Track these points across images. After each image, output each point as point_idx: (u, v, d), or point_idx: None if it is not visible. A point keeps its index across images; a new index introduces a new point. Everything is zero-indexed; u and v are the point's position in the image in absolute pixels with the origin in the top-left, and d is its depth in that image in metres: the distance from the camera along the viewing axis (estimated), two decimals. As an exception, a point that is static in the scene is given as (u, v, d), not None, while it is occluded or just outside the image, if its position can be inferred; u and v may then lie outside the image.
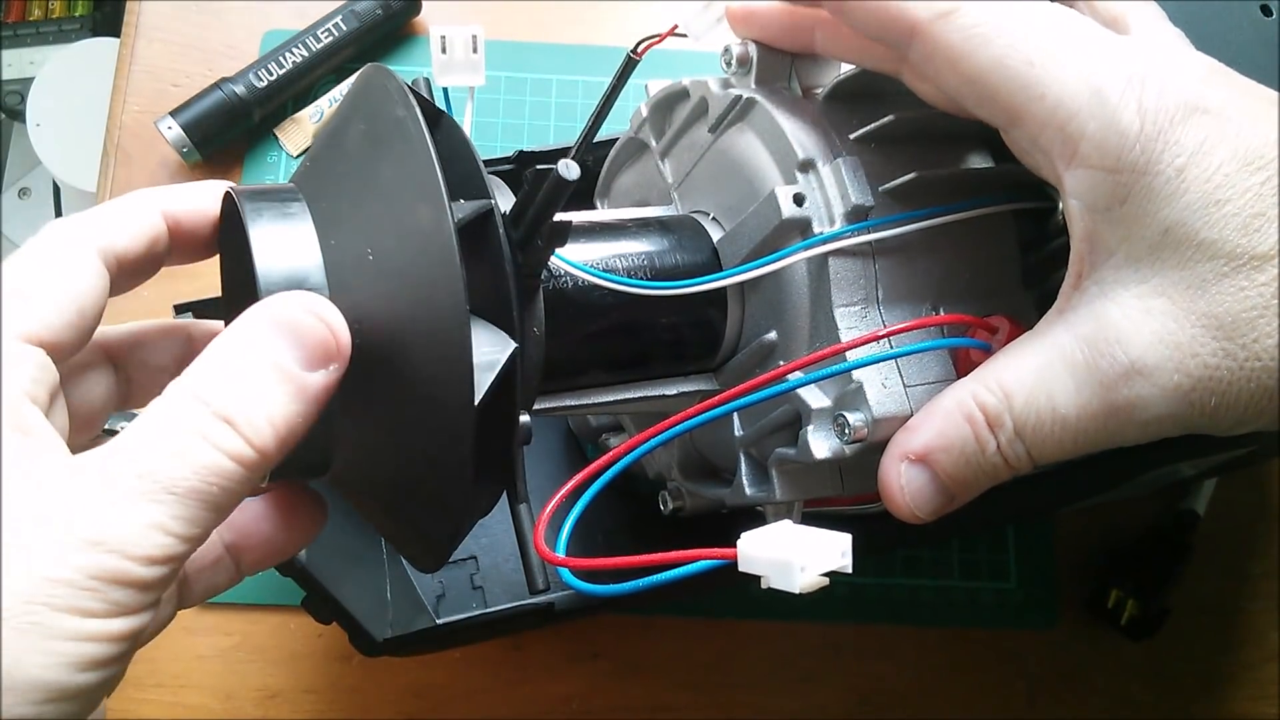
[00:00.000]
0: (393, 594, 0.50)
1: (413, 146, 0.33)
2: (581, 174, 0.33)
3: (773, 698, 0.62)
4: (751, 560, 0.29)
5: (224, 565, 0.38)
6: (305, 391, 0.31)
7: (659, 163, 0.49)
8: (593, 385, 0.44)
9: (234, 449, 0.30)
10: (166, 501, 0.29)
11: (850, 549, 0.29)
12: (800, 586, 0.28)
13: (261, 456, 0.31)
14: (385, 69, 0.36)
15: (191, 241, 0.37)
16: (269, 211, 0.34)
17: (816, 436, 0.39)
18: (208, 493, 0.30)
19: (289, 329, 0.31)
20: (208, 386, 0.31)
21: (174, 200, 0.37)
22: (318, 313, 0.32)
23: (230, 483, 0.30)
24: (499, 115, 0.71)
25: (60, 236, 0.34)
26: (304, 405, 0.31)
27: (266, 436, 0.31)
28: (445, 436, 0.33)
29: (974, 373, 0.35)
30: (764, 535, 0.30)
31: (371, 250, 0.33)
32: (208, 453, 0.30)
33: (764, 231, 0.40)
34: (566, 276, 0.40)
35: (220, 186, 0.37)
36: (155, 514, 0.29)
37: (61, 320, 0.32)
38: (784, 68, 0.44)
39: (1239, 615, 0.65)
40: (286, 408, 0.31)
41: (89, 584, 0.28)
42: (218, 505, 0.30)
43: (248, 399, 0.30)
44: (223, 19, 0.73)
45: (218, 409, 0.30)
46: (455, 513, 0.35)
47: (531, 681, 0.62)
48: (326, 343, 0.31)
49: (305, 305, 0.32)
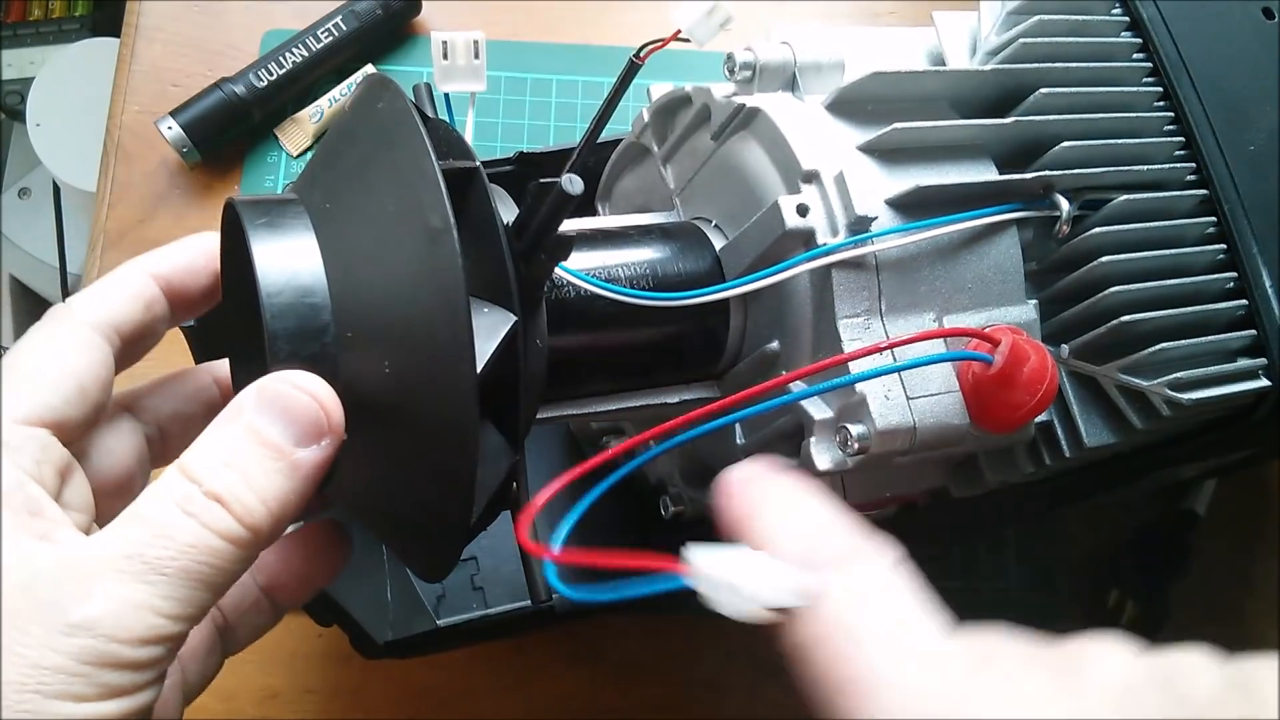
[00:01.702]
0: (393, 595, 0.50)
1: (412, 154, 0.33)
2: (583, 178, 0.33)
3: (773, 698, 0.63)
4: (703, 579, 0.29)
5: (262, 606, 0.39)
6: (298, 469, 0.32)
7: (661, 168, 0.49)
8: (595, 393, 0.44)
9: (224, 528, 0.30)
10: (156, 582, 0.29)
11: (809, 594, 0.28)
12: (741, 615, 0.28)
13: (254, 534, 0.31)
14: (384, 78, 0.36)
15: (188, 298, 0.38)
16: (269, 220, 0.34)
17: (819, 448, 0.39)
18: (199, 572, 0.30)
19: (279, 407, 0.31)
20: (199, 466, 0.31)
21: (162, 262, 0.37)
22: (308, 390, 0.32)
23: (222, 561, 0.30)
24: (499, 115, 0.71)
25: (55, 318, 0.35)
26: (296, 482, 0.32)
27: (259, 515, 0.31)
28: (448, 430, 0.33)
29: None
30: (720, 555, 0.29)
31: (371, 252, 0.33)
32: (197, 532, 0.30)
33: (767, 241, 0.40)
34: (569, 286, 0.40)
35: (208, 239, 0.38)
36: (143, 595, 0.29)
37: (61, 398, 0.33)
38: (787, 77, 0.44)
39: (1239, 615, 0.65)
40: (278, 485, 0.31)
41: (79, 669, 0.28)
42: (211, 584, 0.30)
43: (238, 478, 0.31)
44: (223, 19, 0.73)
45: (209, 488, 0.30)
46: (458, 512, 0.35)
47: (532, 682, 0.62)
48: (317, 419, 0.32)
49: (295, 383, 0.32)
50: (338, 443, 0.32)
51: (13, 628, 0.28)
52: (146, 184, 0.70)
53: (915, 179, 0.40)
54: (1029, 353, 0.37)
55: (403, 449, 0.34)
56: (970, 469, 0.46)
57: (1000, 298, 0.42)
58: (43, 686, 0.28)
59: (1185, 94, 0.46)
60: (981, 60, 0.45)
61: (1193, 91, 0.46)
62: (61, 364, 0.34)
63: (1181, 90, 0.46)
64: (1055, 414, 0.43)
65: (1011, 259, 0.42)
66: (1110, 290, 0.41)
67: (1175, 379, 0.40)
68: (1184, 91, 0.46)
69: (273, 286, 0.33)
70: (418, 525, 0.37)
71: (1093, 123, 0.44)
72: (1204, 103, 0.46)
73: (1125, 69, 0.46)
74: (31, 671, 0.28)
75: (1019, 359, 0.37)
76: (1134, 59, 0.47)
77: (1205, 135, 0.45)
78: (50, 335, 0.34)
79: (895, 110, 0.42)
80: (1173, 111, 0.46)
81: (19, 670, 0.28)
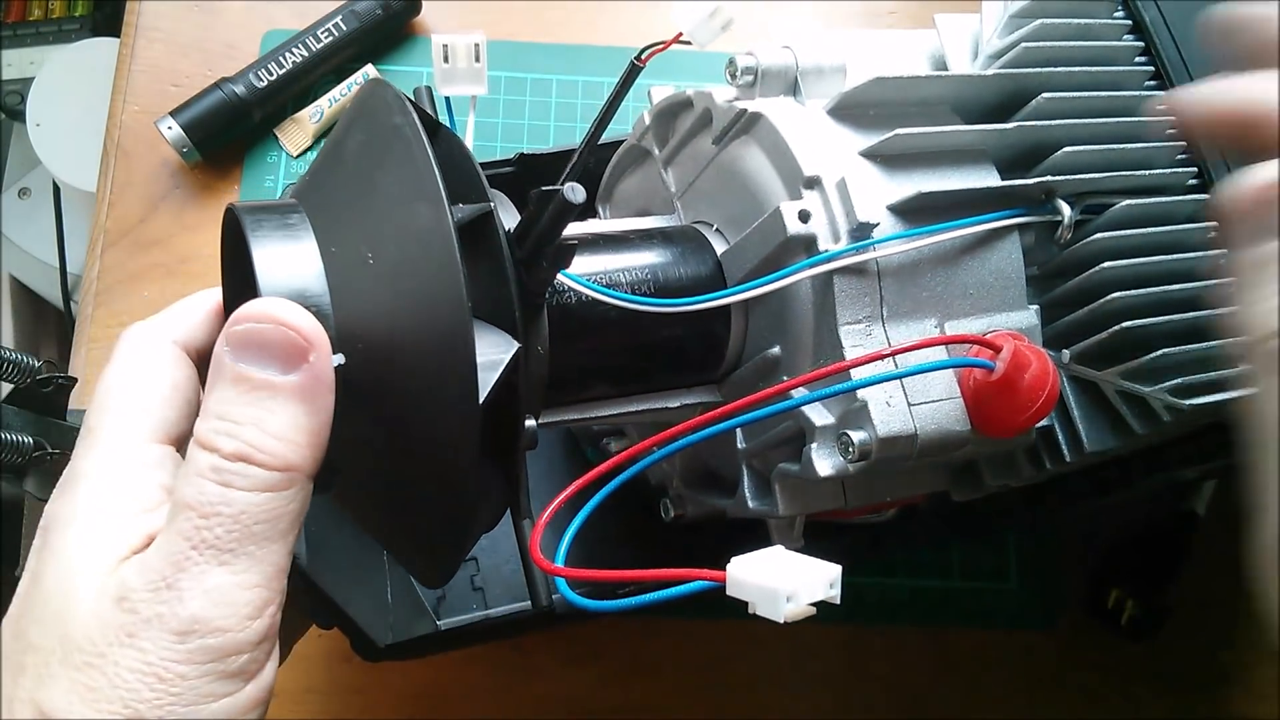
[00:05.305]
0: (393, 596, 0.50)
1: (410, 150, 0.33)
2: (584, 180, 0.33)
3: (773, 699, 0.63)
4: (740, 585, 0.29)
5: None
6: (299, 392, 0.31)
7: (662, 171, 0.49)
8: (596, 398, 0.44)
9: (261, 480, 0.30)
10: (228, 561, 0.30)
11: (839, 580, 0.29)
12: (785, 616, 0.28)
13: (293, 470, 0.31)
14: (384, 83, 0.36)
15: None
16: (269, 224, 0.34)
17: (820, 454, 0.39)
18: (260, 531, 0.30)
19: (252, 346, 0.31)
20: (211, 433, 0.31)
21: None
22: (270, 317, 0.31)
23: (276, 509, 0.31)
24: (499, 115, 0.71)
25: (142, 338, 0.36)
26: (305, 404, 0.31)
27: (286, 452, 0.31)
28: (449, 441, 0.33)
29: None
30: (755, 560, 0.29)
31: (372, 255, 0.33)
32: (238, 497, 0.30)
33: (768, 247, 0.40)
34: (570, 292, 0.40)
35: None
36: (224, 577, 0.30)
37: (178, 414, 0.35)
38: (789, 81, 0.44)
39: (1239, 615, 0.65)
40: (289, 416, 0.31)
41: (205, 670, 0.29)
42: (278, 534, 0.31)
43: (249, 429, 0.31)
44: (223, 19, 0.73)
45: (228, 451, 0.31)
46: (460, 522, 0.35)
47: (532, 682, 0.62)
48: (290, 341, 0.31)
49: (254, 316, 0.32)
50: (325, 350, 0.32)
51: (124, 645, 0.29)
52: (146, 184, 0.70)
53: (917, 184, 0.40)
54: (1030, 359, 0.37)
55: (404, 455, 0.34)
56: (970, 473, 0.46)
57: (1002, 303, 0.42)
58: (178, 697, 0.29)
59: (1188, 97, 0.46)
60: (983, 64, 0.45)
61: (1194, 94, 0.46)
62: (169, 382, 0.35)
63: (1183, 93, 0.46)
64: (1056, 418, 0.43)
65: (1013, 264, 0.42)
66: (1112, 296, 0.41)
67: (1176, 384, 0.40)
68: (1186, 94, 0.46)
69: (271, 286, 0.33)
70: (419, 531, 0.37)
71: (1095, 127, 0.44)
72: (1206, 105, 0.46)
73: (1128, 73, 0.46)
74: (162, 686, 0.29)
75: (1020, 366, 0.37)
76: (1136, 62, 0.47)
77: (1207, 139, 0.45)
78: (150, 355, 0.35)
79: (897, 115, 0.42)
80: (1175, 114, 0.46)
81: (152, 689, 0.29)
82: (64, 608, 0.30)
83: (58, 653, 0.29)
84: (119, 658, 0.29)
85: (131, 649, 0.29)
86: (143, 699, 0.28)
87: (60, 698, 0.29)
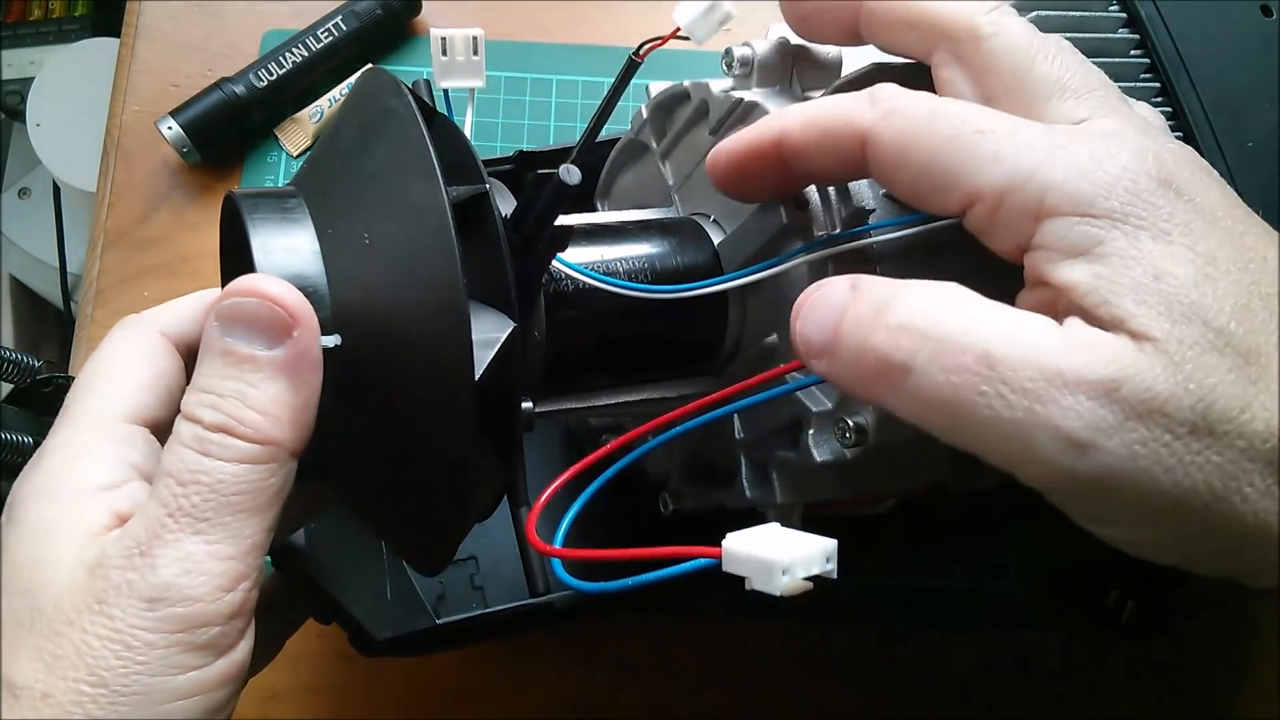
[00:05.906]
0: (393, 594, 0.50)
1: (404, 128, 0.33)
2: (582, 176, 0.33)
3: (772, 698, 0.63)
4: (736, 559, 0.29)
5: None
6: (284, 368, 0.32)
7: (660, 164, 0.49)
8: (593, 388, 0.44)
9: (240, 452, 0.31)
10: (204, 530, 0.30)
11: (835, 554, 0.29)
12: (781, 590, 0.28)
13: (273, 446, 0.31)
14: (381, 71, 0.36)
15: None
16: (265, 209, 0.35)
17: (818, 440, 0.39)
18: (239, 503, 0.30)
19: (238, 320, 0.32)
20: (196, 405, 0.31)
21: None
22: (256, 292, 0.32)
23: (255, 482, 0.31)
24: (499, 115, 0.71)
25: (133, 327, 0.36)
26: (289, 379, 0.32)
27: (266, 426, 0.31)
28: (446, 419, 0.33)
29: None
30: (750, 536, 0.29)
31: (368, 235, 0.33)
32: (218, 467, 0.30)
33: (765, 235, 0.40)
34: (567, 279, 0.40)
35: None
36: (199, 546, 0.30)
37: (155, 399, 0.35)
38: (785, 71, 0.44)
39: (1240, 615, 0.65)
40: (273, 392, 0.32)
41: (173, 639, 0.29)
42: (257, 509, 0.31)
43: (232, 402, 0.31)
44: (223, 19, 0.73)
45: (210, 422, 0.31)
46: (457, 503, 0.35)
47: (531, 682, 0.62)
48: (274, 316, 0.32)
49: (241, 291, 0.32)
50: (311, 326, 0.32)
51: (93, 611, 0.29)
52: (146, 184, 0.70)
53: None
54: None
55: (400, 441, 0.34)
56: (970, 462, 0.45)
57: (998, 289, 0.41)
58: (145, 666, 0.29)
59: (1183, 91, 0.46)
60: (979, 56, 0.45)
61: (1191, 89, 0.46)
62: (152, 368, 0.35)
63: (1179, 87, 0.46)
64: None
65: (1009, 252, 0.42)
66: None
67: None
68: (1182, 89, 0.46)
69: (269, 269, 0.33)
70: (415, 517, 0.37)
71: (1090, 118, 0.44)
72: (1202, 100, 0.46)
73: (1123, 65, 0.46)
74: (128, 654, 0.29)
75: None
76: (1131, 55, 0.47)
77: (1203, 132, 0.46)
78: (135, 343, 0.35)
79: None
80: (1171, 108, 0.46)
81: (118, 656, 0.28)
82: (32, 578, 0.30)
83: (25, 624, 0.29)
84: (87, 624, 0.29)
85: (101, 615, 0.29)
86: (108, 666, 0.28)
87: (25, 665, 0.29)
